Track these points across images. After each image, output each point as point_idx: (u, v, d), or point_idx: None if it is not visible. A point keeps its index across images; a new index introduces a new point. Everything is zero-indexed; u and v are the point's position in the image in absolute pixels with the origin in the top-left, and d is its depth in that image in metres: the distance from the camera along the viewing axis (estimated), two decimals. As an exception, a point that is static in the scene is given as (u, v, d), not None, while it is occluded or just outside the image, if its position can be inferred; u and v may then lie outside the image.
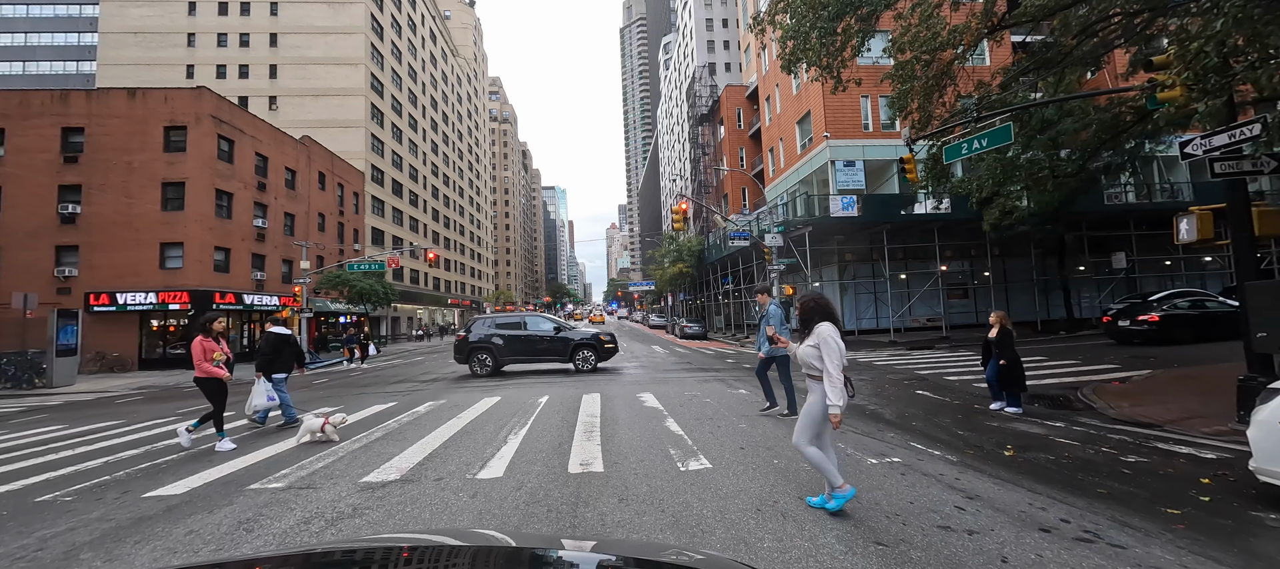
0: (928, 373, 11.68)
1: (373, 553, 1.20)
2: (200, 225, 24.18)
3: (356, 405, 9.88)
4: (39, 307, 18.78)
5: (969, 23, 10.18)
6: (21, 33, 68.54)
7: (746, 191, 43.77)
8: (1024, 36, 18.75)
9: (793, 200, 26.87)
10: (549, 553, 1.23)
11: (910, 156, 11.09)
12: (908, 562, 2.93)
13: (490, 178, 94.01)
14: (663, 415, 7.52)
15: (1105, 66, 17.09)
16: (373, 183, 43.65)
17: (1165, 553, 3.00)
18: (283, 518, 4.00)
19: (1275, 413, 3.59)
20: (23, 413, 12.05)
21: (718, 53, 57.92)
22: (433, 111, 60.56)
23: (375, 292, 28.72)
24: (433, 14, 62.64)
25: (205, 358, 6.49)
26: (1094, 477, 4.44)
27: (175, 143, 24.51)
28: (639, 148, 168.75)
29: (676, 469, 4.88)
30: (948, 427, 6.48)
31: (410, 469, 5.21)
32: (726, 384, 10.89)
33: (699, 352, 21.23)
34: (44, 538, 3.81)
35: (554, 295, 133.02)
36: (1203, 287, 22.61)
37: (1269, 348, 5.80)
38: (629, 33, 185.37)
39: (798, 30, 10.52)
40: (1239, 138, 5.97)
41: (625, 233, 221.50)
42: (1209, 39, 6.18)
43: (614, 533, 3.54)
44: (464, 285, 69.73)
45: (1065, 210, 18.91)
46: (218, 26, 43.00)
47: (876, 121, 25.61)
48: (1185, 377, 9.27)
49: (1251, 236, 6.71)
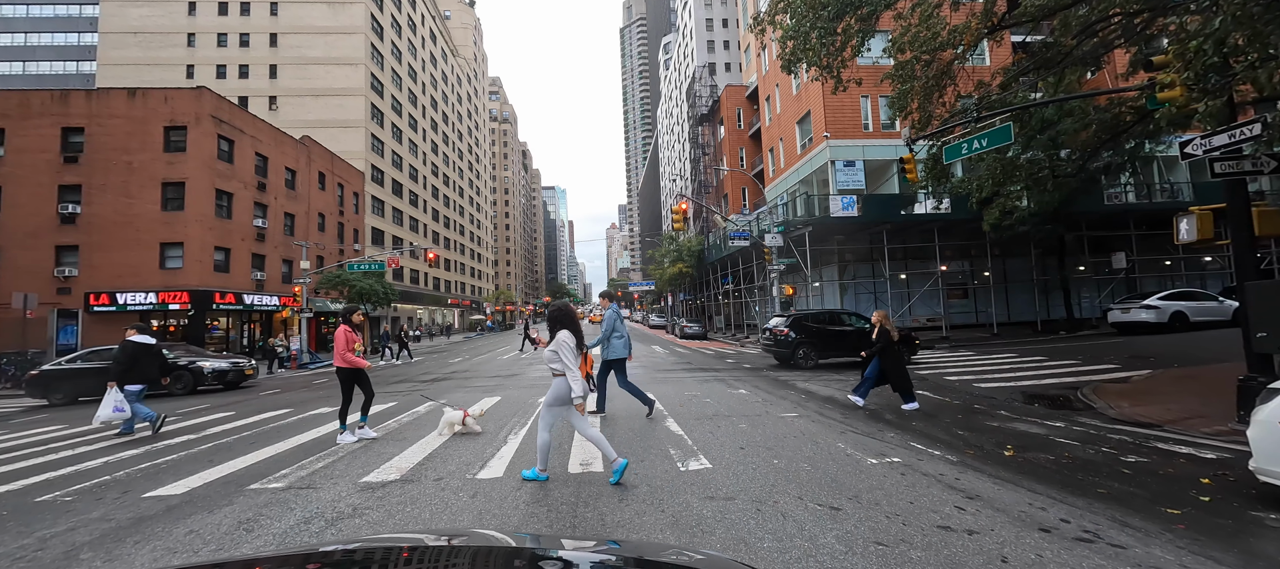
0: (927, 373, 11.68)
1: (373, 553, 1.20)
2: (200, 225, 24.17)
3: (356, 405, 9.85)
4: (39, 306, 18.79)
5: (969, 23, 10.19)
6: (21, 33, 68.53)
7: (746, 191, 43.77)
8: (1024, 36, 18.76)
9: (793, 200, 26.85)
10: (549, 553, 1.23)
11: (910, 156, 11.09)
12: (908, 562, 2.93)
13: (490, 178, 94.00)
14: (663, 415, 7.52)
15: (1105, 66, 17.10)
16: (373, 183, 43.64)
17: (1165, 553, 3.00)
18: (283, 518, 4.00)
19: (1275, 413, 3.59)
20: (23, 413, 12.05)
21: (718, 53, 57.91)
22: (433, 112, 60.56)
23: (375, 292, 28.69)
24: (433, 14, 62.63)
25: (348, 348, 6.58)
26: (1094, 477, 4.44)
27: (175, 143, 24.49)
28: (639, 148, 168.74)
29: (676, 469, 4.88)
30: (947, 427, 6.48)
31: (410, 469, 5.21)
32: (726, 384, 10.89)
33: (699, 351, 21.22)
34: (44, 538, 3.81)
35: (554, 295, 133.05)
36: (1203, 286, 22.65)
37: (1269, 348, 5.80)
38: (629, 33, 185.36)
39: (798, 30, 10.53)
40: (1239, 138, 5.97)
41: (625, 233, 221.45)
42: (1209, 38, 6.18)
43: (614, 533, 3.54)
44: (464, 285, 69.72)
45: (1065, 210, 18.92)
46: (218, 26, 42.98)
47: (876, 121, 25.61)
48: (1185, 376, 9.27)
49: (1251, 236, 6.72)
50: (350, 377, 6.70)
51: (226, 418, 9.28)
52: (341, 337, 6.61)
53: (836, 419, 7.05)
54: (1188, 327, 17.59)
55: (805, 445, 5.65)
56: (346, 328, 6.67)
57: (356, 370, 6.69)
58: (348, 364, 6.61)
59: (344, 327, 6.68)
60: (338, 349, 6.60)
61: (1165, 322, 17.56)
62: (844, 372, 12.55)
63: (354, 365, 6.63)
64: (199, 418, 9.50)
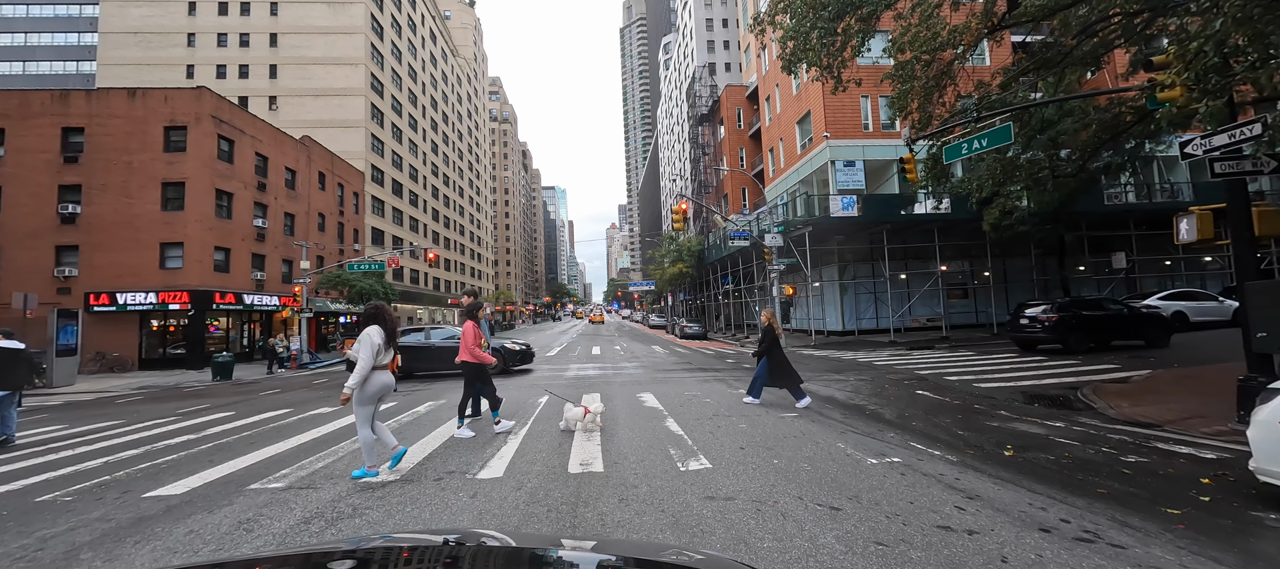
0: (928, 373, 11.68)
1: (373, 553, 1.20)
2: (200, 225, 24.17)
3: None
4: (39, 306, 18.77)
5: (969, 23, 10.18)
6: (21, 33, 68.53)
7: (746, 191, 43.76)
8: (1024, 36, 18.76)
9: (793, 200, 26.84)
10: (549, 553, 1.23)
11: (910, 156, 11.09)
12: (908, 562, 2.93)
13: (490, 178, 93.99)
14: (663, 415, 7.52)
15: (1105, 66, 17.07)
16: (373, 183, 43.64)
17: (1165, 553, 3.00)
18: (283, 518, 4.00)
19: (1275, 413, 3.59)
20: (23, 413, 12.04)
21: (718, 53, 57.88)
22: (433, 112, 60.55)
23: (375, 291, 28.69)
24: (433, 14, 62.62)
25: (476, 343, 6.66)
26: (1094, 477, 4.44)
27: (175, 143, 24.50)
28: (639, 148, 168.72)
29: (676, 469, 4.88)
30: (948, 427, 6.48)
31: (410, 469, 5.21)
32: (727, 384, 10.89)
33: (699, 351, 21.22)
34: (44, 538, 3.81)
35: (554, 295, 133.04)
36: (1203, 286, 22.64)
37: (1269, 348, 5.80)
38: (629, 33, 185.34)
39: (798, 30, 10.53)
40: (1239, 138, 5.97)
41: (625, 233, 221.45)
42: (1209, 38, 6.19)
43: (614, 533, 3.54)
44: (464, 285, 69.73)
45: (1065, 210, 18.90)
46: (218, 26, 42.98)
47: (876, 121, 25.60)
48: (1185, 376, 9.27)
49: (1251, 236, 6.72)
50: (476, 372, 6.71)
51: (226, 418, 9.28)
52: (471, 331, 6.67)
53: (836, 419, 7.05)
54: (1188, 327, 17.58)
55: (805, 445, 5.65)
56: (473, 323, 6.76)
57: (481, 366, 6.72)
58: (475, 359, 6.64)
59: (470, 322, 6.77)
60: (466, 344, 6.62)
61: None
62: (844, 372, 12.55)
63: (480, 360, 6.68)
64: (199, 418, 9.51)
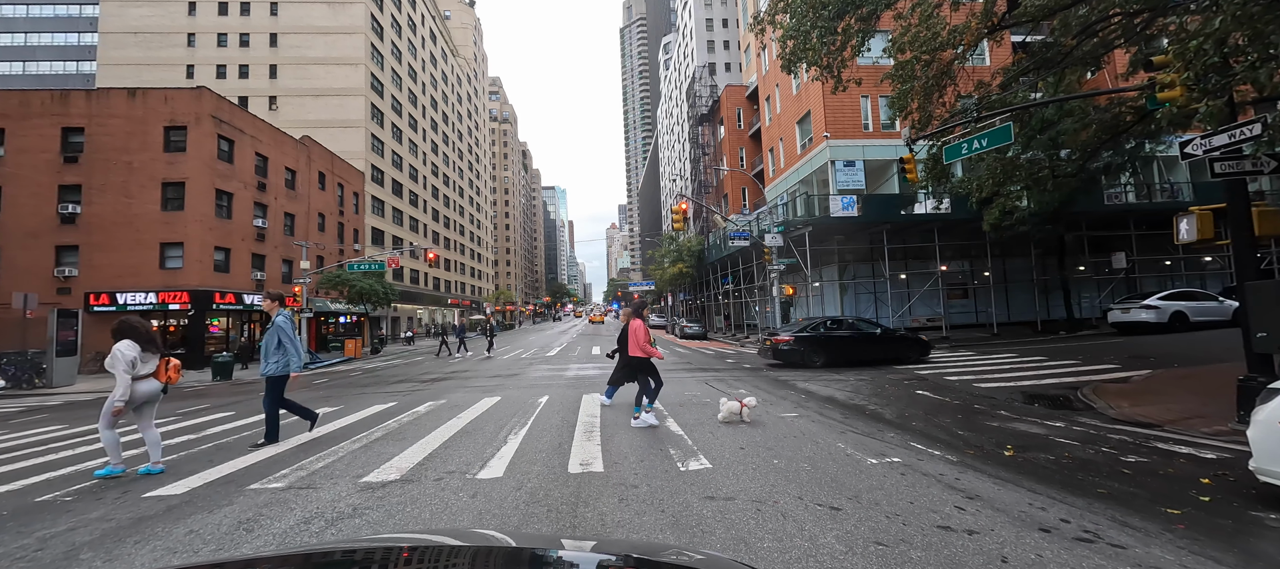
0: (928, 373, 11.68)
1: (373, 553, 1.20)
2: (200, 225, 24.16)
3: (356, 405, 9.88)
4: (39, 307, 18.77)
5: (969, 23, 10.19)
6: (21, 33, 68.55)
7: (746, 191, 43.76)
8: (1024, 36, 18.75)
9: (793, 200, 26.85)
10: (549, 553, 1.23)
11: (910, 156, 11.09)
12: (908, 562, 2.93)
13: (490, 178, 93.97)
14: (662, 415, 7.53)
15: (1105, 66, 17.09)
16: (373, 183, 43.63)
17: (1165, 553, 3.00)
18: (283, 518, 4.00)
19: (1275, 413, 3.59)
20: (23, 413, 12.04)
21: (718, 53, 57.88)
22: (433, 111, 60.54)
23: (375, 291, 28.70)
24: (433, 14, 62.61)
25: (647, 339, 7.29)
26: (1094, 477, 4.44)
27: (175, 143, 24.49)
28: (639, 148, 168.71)
29: (676, 469, 4.88)
30: (947, 427, 6.48)
31: (410, 469, 5.21)
32: (727, 384, 10.90)
33: (699, 351, 21.22)
34: (44, 538, 3.81)
35: (554, 295, 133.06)
36: (1203, 286, 22.64)
37: (1269, 348, 5.80)
38: (629, 33, 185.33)
39: (798, 30, 10.54)
40: (1239, 138, 5.96)
41: (625, 233, 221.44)
42: (1209, 38, 6.18)
43: (614, 533, 3.54)
44: (464, 285, 69.71)
45: (1065, 210, 18.91)
46: (218, 26, 42.98)
47: (876, 121, 25.60)
48: (1185, 376, 9.27)
49: (1251, 236, 6.71)
50: (645, 365, 7.26)
51: (226, 418, 9.28)
52: (641, 329, 7.36)
53: (836, 419, 7.05)
54: (1188, 327, 17.59)
55: (805, 445, 5.65)
56: (641, 321, 7.45)
57: (648, 360, 7.27)
58: (644, 354, 7.25)
59: (638, 320, 7.48)
60: (637, 340, 7.29)
61: (1165, 322, 17.58)
62: (844, 372, 12.55)
63: (649, 354, 7.25)
64: (199, 418, 9.51)
